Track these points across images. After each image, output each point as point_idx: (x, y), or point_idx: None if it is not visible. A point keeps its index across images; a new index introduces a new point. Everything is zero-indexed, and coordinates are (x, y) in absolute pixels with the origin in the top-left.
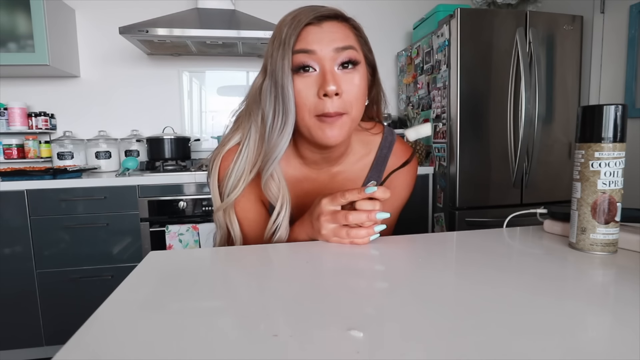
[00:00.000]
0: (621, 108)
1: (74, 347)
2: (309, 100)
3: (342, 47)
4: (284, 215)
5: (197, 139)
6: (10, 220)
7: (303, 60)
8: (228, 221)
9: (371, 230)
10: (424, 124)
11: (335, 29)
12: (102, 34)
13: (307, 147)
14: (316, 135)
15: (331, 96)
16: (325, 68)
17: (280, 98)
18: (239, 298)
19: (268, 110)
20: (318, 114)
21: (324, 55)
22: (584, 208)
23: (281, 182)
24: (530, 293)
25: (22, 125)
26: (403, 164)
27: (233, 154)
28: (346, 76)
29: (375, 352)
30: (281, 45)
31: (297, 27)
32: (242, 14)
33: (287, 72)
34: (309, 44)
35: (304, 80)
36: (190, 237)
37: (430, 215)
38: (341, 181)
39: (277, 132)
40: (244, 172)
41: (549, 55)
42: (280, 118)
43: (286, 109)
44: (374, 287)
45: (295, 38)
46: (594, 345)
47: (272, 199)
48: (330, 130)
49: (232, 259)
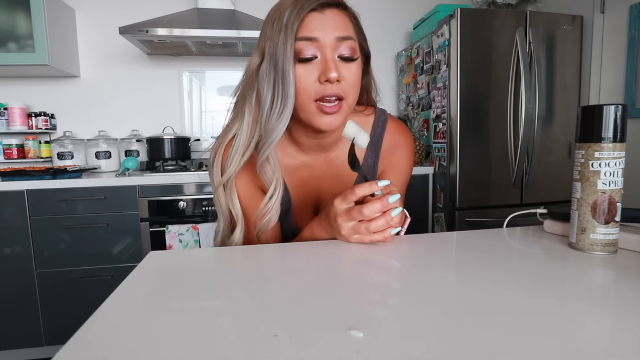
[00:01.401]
0: (621, 108)
1: (74, 347)
2: (310, 85)
3: (343, 36)
4: (276, 198)
5: (197, 139)
6: (10, 220)
7: (306, 47)
8: (229, 200)
9: (389, 216)
10: (364, 135)
11: (337, 17)
12: (102, 34)
13: (302, 132)
14: (314, 121)
15: (333, 82)
16: (327, 55)
17: (280, 82)
18: (239, 298)
19: (266, 94)
20: (317, 98)
21: (326, 43)
22: (584, 208)
23: (276, 165)
24: (530, 293)
25: (22, 125)
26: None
27: (222, 144)
28: (345, 64)
29: (375, 352)
30: (283, 30)
31: (300, 13)
32: (242, 14)
33: (289, 57)
34: (312, 31)
35: (305, 66)
36: (190, 237)
37: (430, 215)
38: (338, 165)
39: (276, 116)
40: (237, 152)
41: (549, 55)
42: (279, 102)
43: (286, 93)
44: (374, 287)
45: (299, 23)
46: (593, 345)
47: (267, 182)
48: (328, 117)
49: (232, 259)
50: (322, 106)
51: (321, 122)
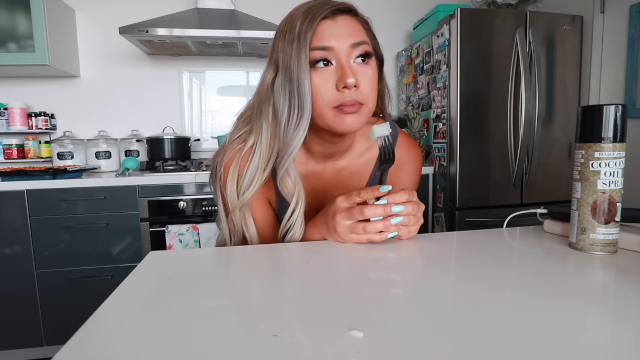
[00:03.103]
0: (621, 108)
1: (74, 347)
2: (327, 93)
3: (357, 42)
4: (299, 212)
5: (197, 139)
6: (10, 220)
7: (320, 56)
8: (243, 221)
9: (388, 223)
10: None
11: (349, 24)
12: (102, 34)
13: (316, 140)
14: (334, 125)
15: (350, 88)
16: (343, 62)
17: (296, 93)
18: (239, 298)
19: (283, 106)
20: (336, 106)
21: (340, 50)
22: (584, 208)
23: (296, 178)
24: (530, 293)
25: (22, 125)
26: (388, 157)
27: (235, 157)
28: (361, 69)
29: (375, 352)
30: (296, 40)
31: (312, 22)
32: (242, 14)
33: (304, 68)
34: (326, 39)
35: (321, 75)
36: (190, 237)
37: (430, 215)
38: (347, 175)
39: (293, 127)
40: (258, 170)
41: (549, 55)
42: (296, 113)
43: (302, 104)
44: (374, 287)
45: (312, 33)
46: (593, 345)
47: (288, 196)
48: (349, 117)
49: (232, 259)
50: (343, 108)
51: (343, 123)
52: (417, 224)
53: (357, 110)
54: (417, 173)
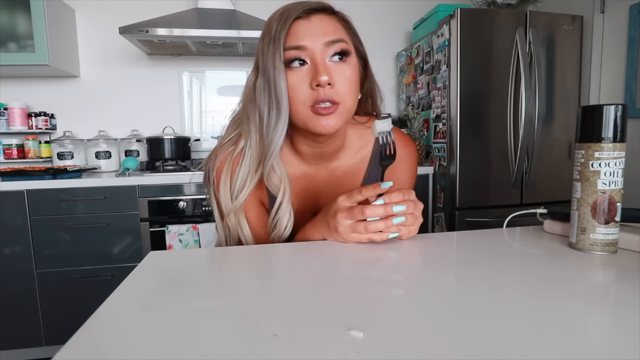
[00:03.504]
0: (621, 108)
1: (74, 347)
2: (302, 92)
3: (333, 40)
4: (287, 204)
5: (197, 139)
6: (10, 220)
7: (294, 55)
8: (238, 225)
9: (389, 222)
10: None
11: (325, 22)
12: (102, 34)
13: (303, 141)
14: (311, 125)
15: (324, 86)
16: (317, 60)
17: (274, 93)
18: (239, 298)
19: (263, 107)
20: (312, 105)
21: (314, 49)
22: (584, 208)
23: (282, 172)
24: (530, 293)
25: (22, 125)
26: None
27: (227, 161)
28: (338, 68)
29: (375, 352)
30: (271, 42)
31: (286, 22)
32: (242, 14)
33: (278, 68)
34: (299, 39)
35: (296, 73)
36: (190, 237)
37: (430, 215)
38: (340, 176)
39: (272, 127)
40: (249, 172)
41: (549, 55)
42: (274, 113)
43: (279, 104)
44: (374, 287)
45: (286, 33)
46: (593, 345)
47: (274, 190)
48: (325, 119)
49: (232, 259)
50: (317, 109)
51: (318, 125)
52: (417, 223)
53: (333, 111)
54: (413, 169)
